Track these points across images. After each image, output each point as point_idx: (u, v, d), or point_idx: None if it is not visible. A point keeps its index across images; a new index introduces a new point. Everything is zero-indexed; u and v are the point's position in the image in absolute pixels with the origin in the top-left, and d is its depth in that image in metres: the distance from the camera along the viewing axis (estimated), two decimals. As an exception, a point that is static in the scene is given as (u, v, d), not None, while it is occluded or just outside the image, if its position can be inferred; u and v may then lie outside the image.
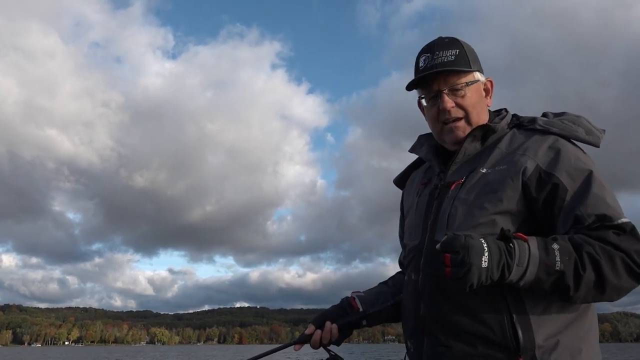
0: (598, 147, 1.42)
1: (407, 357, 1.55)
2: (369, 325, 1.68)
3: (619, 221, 1.27)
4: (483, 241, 1.17)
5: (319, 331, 1.62)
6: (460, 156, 1.49)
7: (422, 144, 1.66)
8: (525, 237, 1.22)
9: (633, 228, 1.26)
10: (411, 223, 1.60)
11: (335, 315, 1.65)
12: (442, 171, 1.54)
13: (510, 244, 1.19)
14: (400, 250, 1.86)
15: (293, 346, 1.63)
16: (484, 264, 1.14)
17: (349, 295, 1.73)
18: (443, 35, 1.55)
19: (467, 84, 1.48)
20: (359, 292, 1.74)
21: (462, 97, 1.48)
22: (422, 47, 1.55)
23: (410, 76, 1.55)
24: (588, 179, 1.34)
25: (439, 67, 1.46)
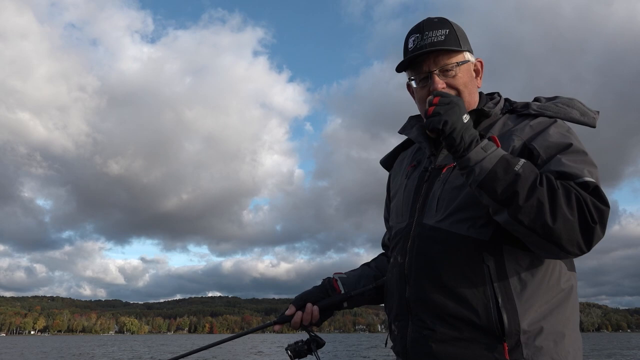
0: (594, 127, 1.41)
1: (389, 339, 1.55)
2: (349, 307, 1.68)
3: (583, 179, 1.24)
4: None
5: (299, 312, 1.62)
6: None
7: (412, 125, 1.65)
8: (498, 142, 1.26)
9: (597, 187, 1.24)
10: (399, 205, 1.59)
11: (316, 297, 1.66)
12: (432, 154, 1.53)
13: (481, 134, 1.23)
14: (381, 234, 1.83)
15: (273, 326, 1.64)
16: (465, 120, 1.21)
17: (331, 276, 1.72)
18: (432, 16, 1.53)
19: (458, 64, 1.47)
20: (341, 273, 1.74)
21: (453, 77, 1.47)
22: (410, 28, 1.53)
23: (393, 65, 1.50)
24: (564, 148, 1.33)
25: (429, 47, 1.44)
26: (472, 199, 1.34)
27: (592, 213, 1.19)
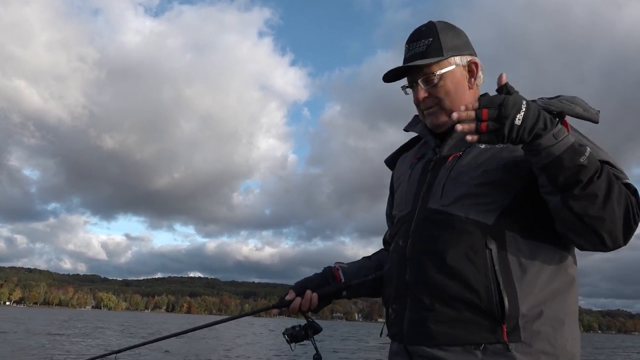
0: (597, 123, 1.44)
1: (385, 327, 1.57)
2: (348, 297, 1.73)
3: (627, 180, 1.29)
4: (524, 101, 1.18)
5: (298, 298, 1.67)
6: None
7: (417, 122, 1.70)
8: (569, 127, 1.24)
9: (636, 191, 1.29)
10: (402, 194, 1.62)
11: (317, 284, 1.70)
12: (437, 146, 1.58)
13: (556, 118, 1.22)
14: (369, 224, 2.05)
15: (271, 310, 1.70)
16: (517, 122, 1.16)
17: (332, 265, 1.76)
18: (423, 24, 1.58)
19: (440, 72, 1.51)
20: (342, 263, 1.78)
21: (434, 86, 1.51)
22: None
23: (397, 56, 1.59)
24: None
25: (409, 61, 1.52)
26: (477, 186, 1.38)
27: (635, 214, 1.24)
